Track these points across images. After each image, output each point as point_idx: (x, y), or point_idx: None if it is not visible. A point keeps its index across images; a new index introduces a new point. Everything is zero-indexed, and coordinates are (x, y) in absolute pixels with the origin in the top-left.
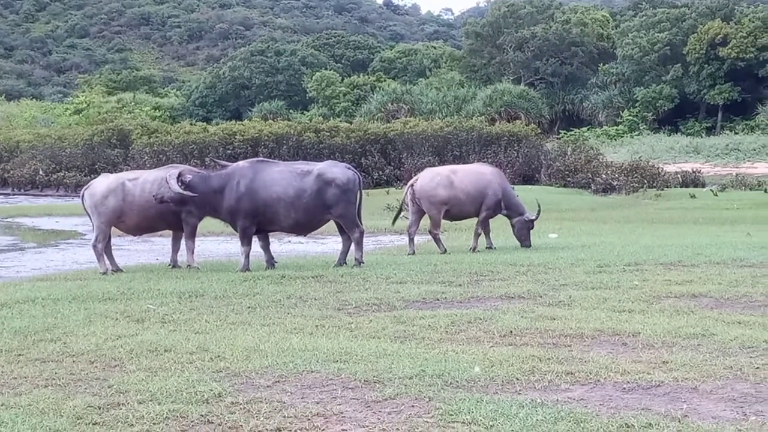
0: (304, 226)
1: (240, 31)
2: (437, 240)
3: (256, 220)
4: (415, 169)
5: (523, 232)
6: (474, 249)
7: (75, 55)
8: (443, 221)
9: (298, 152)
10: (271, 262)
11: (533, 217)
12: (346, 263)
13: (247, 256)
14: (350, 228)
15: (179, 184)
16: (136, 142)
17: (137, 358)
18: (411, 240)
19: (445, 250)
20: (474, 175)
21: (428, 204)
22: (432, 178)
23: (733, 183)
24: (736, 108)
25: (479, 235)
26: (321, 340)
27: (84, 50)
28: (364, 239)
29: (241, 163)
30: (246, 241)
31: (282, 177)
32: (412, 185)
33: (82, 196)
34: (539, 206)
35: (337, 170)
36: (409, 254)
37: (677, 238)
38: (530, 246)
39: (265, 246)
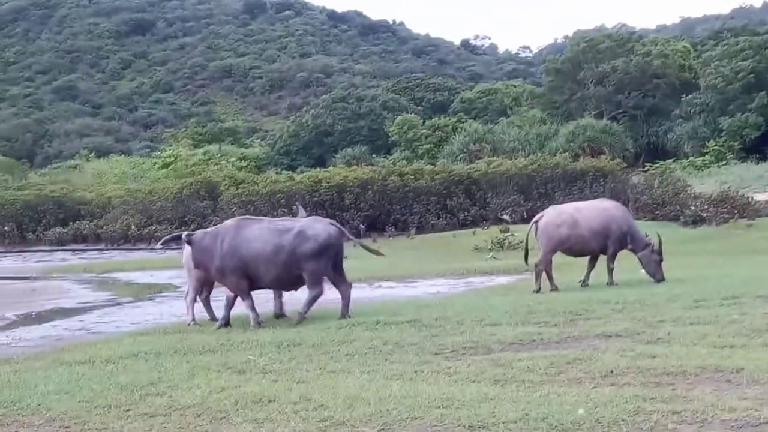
0: (285, 282)
1: (320, 78)
2: (539, 276)
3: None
4: (501, 208)
5: (652, 266)
6: (611, 283)
7: (160, 110)
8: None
9: (383, 196)
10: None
11: (657, 248)
12: (350, 315)
13: (253, 308)
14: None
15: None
16: (224, 193)
17: (243, 409)
18: (549, 275)
19: (539, 290)
20: (598, 211)
21: (546, 241)
22: (557, 217)
23: None
24: None
25: (612, 269)
26: (421, 386)
27: (169, 105)
28: (459, 280)
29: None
30: (245, 296)
31: (261, 234)
32: (536, 222)
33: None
34: (660, 239)
35: (319, 227)
36: (552, 290)
37: None
38: (663, 279)
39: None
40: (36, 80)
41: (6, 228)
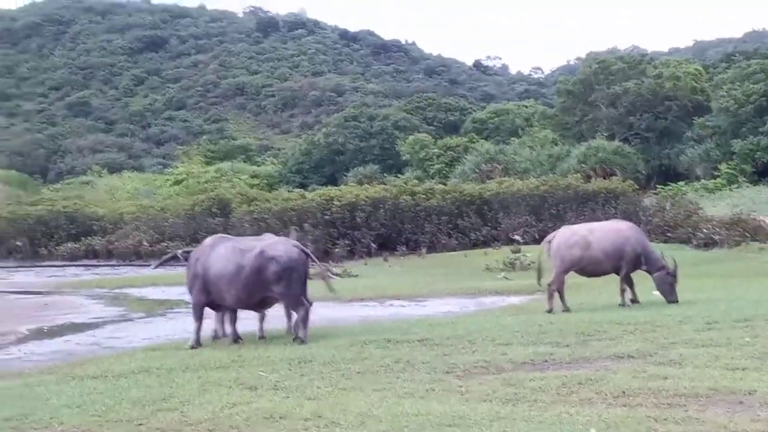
0: (246, 303)
1: (332, 97)
2: (551, 296)
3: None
4: (512, 228)
5: (665, 287)
6: (623, 305)
7: (173, 127)
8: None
9: (395, 215)
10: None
11: (671, 270)
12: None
13: (198, 331)
14: (294, 306)
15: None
16: (236, 210)
17: (254, 425)
18: (562, 296)
19: (552, 310)
20: (612, 233)
21: (559, 262)
22: (570, 237)
23: None
24: None
25: (625, 291)
26: (433, 405)
27: (182, 122)
28: (470, 300)
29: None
30: (197, 315)
31: (226, 253)
32: (549, 242)
33: None
34: (675, 262)
35: (280, 247)
36: (563, 311)
37: None
38: (676, 301)
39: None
40: (49, 96)
41: (18, 243)
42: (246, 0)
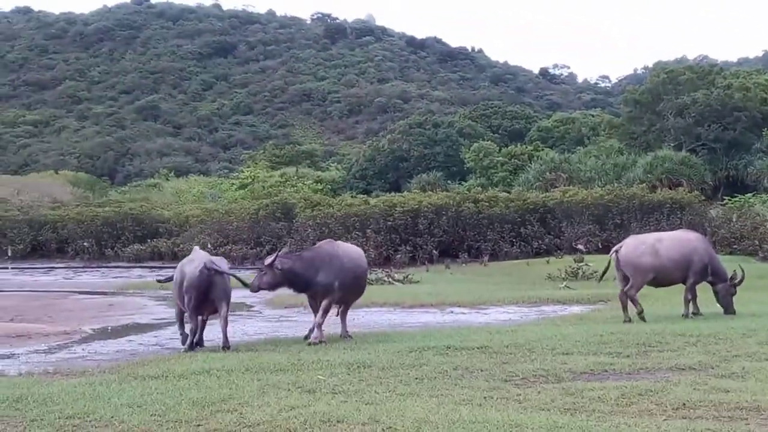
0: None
1: (398, 104)
2: (627, 304)
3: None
4: (575, 238)
5: (727, 299)
6: (686, 315)
7: (240, 131)
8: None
9: (457, 222)
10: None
11: (736, 282)
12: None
13: (183, 331)
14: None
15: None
16: (299, 215)
17: (311, 429)
18: (625, 306)
19: (629, 319)
20: (679, 242)
21: (633, 270)
22: (636, 247)
23: None
24: None
25: (689, 301)
26: (490, 412)
27: (248, 127)
28: (531, 309)
29: None
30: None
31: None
32: (616, 251)
33: None
34: (743, 271)
35: (189, 268)
36: (625, 321)
37: None
38: (734, 313)
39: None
40: (119, 100)
41: (86, 243)
42: (314, 6)
